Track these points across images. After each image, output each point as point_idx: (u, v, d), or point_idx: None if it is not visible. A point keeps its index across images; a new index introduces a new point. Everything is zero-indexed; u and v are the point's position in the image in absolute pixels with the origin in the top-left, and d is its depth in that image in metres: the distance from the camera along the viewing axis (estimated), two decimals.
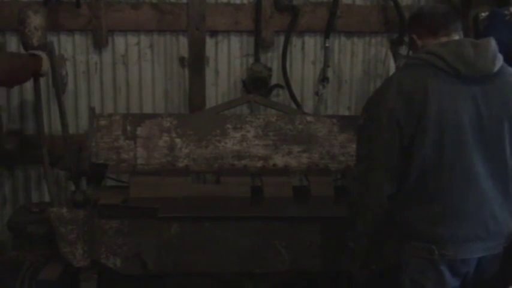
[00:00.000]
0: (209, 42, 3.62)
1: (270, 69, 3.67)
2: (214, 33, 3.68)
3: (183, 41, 3.62)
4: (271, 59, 3.76)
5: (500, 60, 2.14)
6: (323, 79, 3.75)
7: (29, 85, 3.37)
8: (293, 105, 3.68)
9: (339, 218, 2.40)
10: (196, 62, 3.37)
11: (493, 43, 2.15)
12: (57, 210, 2.69)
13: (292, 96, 3.71)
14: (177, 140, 2.98)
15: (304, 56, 3.81)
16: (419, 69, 2.13)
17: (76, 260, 2.67)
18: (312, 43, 3.80)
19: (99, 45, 3.59)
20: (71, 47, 3.60)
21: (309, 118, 3.12)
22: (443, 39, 2.18)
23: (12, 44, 3.51)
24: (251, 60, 3.73)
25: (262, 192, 2.96)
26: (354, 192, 2.28)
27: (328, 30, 3.69)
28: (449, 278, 2.12)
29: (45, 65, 2.76)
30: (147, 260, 2.66)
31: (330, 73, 3.77)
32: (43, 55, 2.75)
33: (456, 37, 2.20)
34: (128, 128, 2.97)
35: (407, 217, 2.16)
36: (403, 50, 3.71)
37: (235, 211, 2.75)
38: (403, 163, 2.13)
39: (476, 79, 2.10)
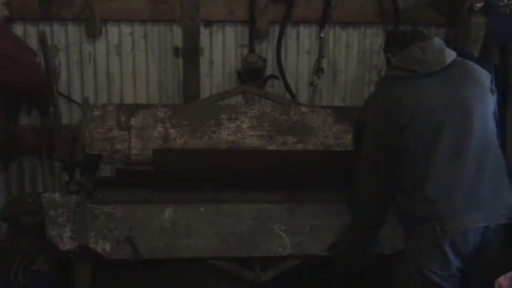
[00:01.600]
0: (203, 32, 3.59)
1: (264, 60, 3.66)
2: (208, 24, 3.66)
3: (177, 31, 3.59)
4: (266, 49, 3.75)
5: (451, 52, 2.37)
6: (318, 70, 3.75)
7: None
8: (288, 96, 3.67)
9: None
10: (190, 52, 3.34)
11: (435, 40, 2.39)
12: (49, 195, 2.68)
13: (287, 86, 3.70)
14: (172, 131, 2.96)
15: (299, 46, 3.80)
16: (388, 84, 2.40)
17: (63, 243, 2.63)
18: (306, 33, 3.78)
19: (92, 35, 3.57)
20: (64, 36, 3.57)
21: (303, 109, 3.10)
22: None
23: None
24: (246, 50, 3.71)
25: None
26: (350, 203, 2.56)
27: (323, 21, 3.68)
28: (453, 258, 2.23)
29: None
30: (139, 244, 2.64)
31: (324, 64, 3.77)
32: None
33: None
34: (122, 118, 2.95)
35: (407, 206, 2.31)
36: None
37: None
38: (397, 166, 2.31)
39: (437, 72, 2.29)
